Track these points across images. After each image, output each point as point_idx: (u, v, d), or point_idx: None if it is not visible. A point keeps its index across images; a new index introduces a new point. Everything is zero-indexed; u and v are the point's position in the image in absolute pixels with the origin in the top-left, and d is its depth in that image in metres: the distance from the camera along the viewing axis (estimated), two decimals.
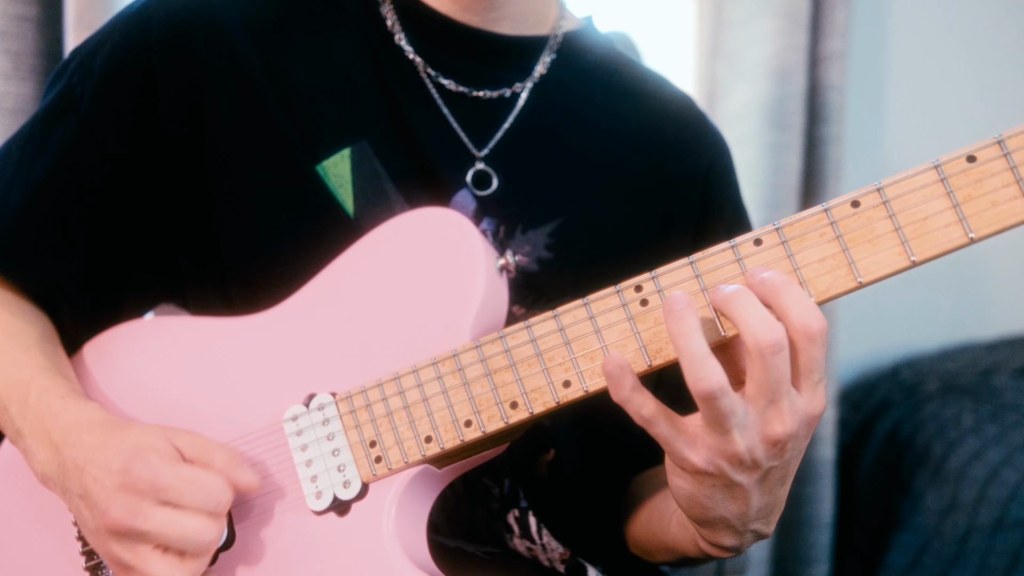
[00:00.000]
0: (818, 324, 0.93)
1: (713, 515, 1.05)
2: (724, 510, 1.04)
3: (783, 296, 0.94)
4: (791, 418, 0.96)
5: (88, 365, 1.33)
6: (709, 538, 1.11)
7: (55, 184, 1.32)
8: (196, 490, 1.06)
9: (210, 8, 1.32)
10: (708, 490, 1.02)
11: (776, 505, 1.08)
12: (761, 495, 1.03)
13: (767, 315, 0.93)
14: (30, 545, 1.26)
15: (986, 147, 0.93)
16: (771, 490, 1.04)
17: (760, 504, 1.05)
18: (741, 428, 0.96)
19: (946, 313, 3.11)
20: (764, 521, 1.09)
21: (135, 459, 1.07)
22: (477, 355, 1.10)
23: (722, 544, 1.11)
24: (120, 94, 1.30)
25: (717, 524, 1.07)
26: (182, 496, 1.05)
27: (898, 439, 2.61)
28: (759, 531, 1.10)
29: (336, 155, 1.30)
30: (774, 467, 1.00)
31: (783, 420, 0.96)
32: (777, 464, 1.00)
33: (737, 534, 1.09)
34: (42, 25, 2.09)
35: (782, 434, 0.96)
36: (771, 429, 0.96)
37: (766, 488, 1.03)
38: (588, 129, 1.42)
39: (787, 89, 2.57)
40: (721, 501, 1.03)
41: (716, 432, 0.96)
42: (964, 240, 0.93)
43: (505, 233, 1.33)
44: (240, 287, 1.32)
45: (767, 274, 0.95)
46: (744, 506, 1.04)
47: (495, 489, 1.36)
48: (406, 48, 1.36)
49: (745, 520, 1.06)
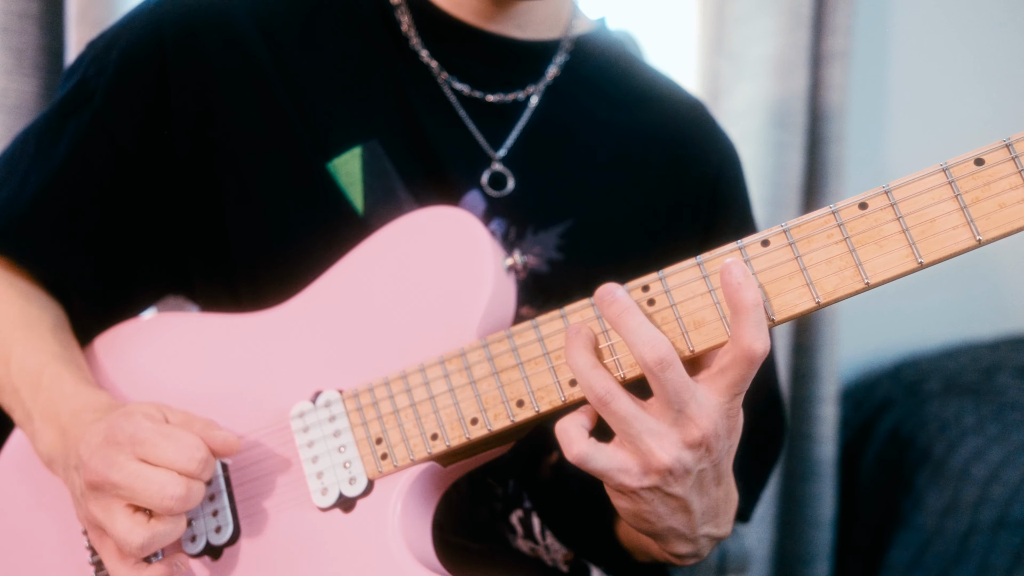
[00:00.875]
0: (762, 349, 0.95)
1: (660, 528, 1.07)
2: (670, 521, 1.06)
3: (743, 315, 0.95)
4: (704, 420, 0.97)
5: (99, 359, 1.34)
6: (665, 548, 1.14)
7: (68, 175, 1.33)
8: (170, 444, 1.06)
9: (224, 7, 1.33)
10: (648, 505, 1.04)
11: (719, 505, 1.10)
12: (700, 499, 1.05)
13: (653, 334, 0.96)
14: (38, 538, 1.27)
15: (994, 150, 0.93)
16: (707, 492, 1.06)
17: (702, 508, 1.06)
18: (655, 436, 0.98)
19: (948, 312, 3.11)
20: (713, 523, 1.11)
21: (121, 417, 1.09)
22: (484, 354, 1.10)
23: (678, 552, 1.13)
24: (134, 89, 1.32)
25: (667, 535, 1.09)
26: (157, 449, 1.05)
27: (899, 438, 2.61)
28: (711, 534, 1.12)
29: (347, 153, 1.31)
30: (704, 469, 1.02)
31: (697, 424, 0.97)
32: (706, 466, 1.02)
33: (689, 541, 1.11)
34: (44, 21, 2.09)
35: (700, 436, 0.98)
36: (689, 434, 0.98)
37: (702, 491, 1.05)
38: (599, 132, 1.42)
39: (789, 87, 2.57)
40: (664, 514, 1.05)
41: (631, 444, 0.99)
42: (972, 242, 0.93)
43: (516, 234, 1.34)
44: (248, 283, 1.33)
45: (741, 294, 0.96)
46: (686, 514, 1.06)
47: (499, 489, 1.37)
48: (421, 52, 1.36)
49: (692, 526, 1.08)
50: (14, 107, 2.05)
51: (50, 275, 1.36)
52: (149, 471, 1.05)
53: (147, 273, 1.41)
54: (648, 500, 1.02)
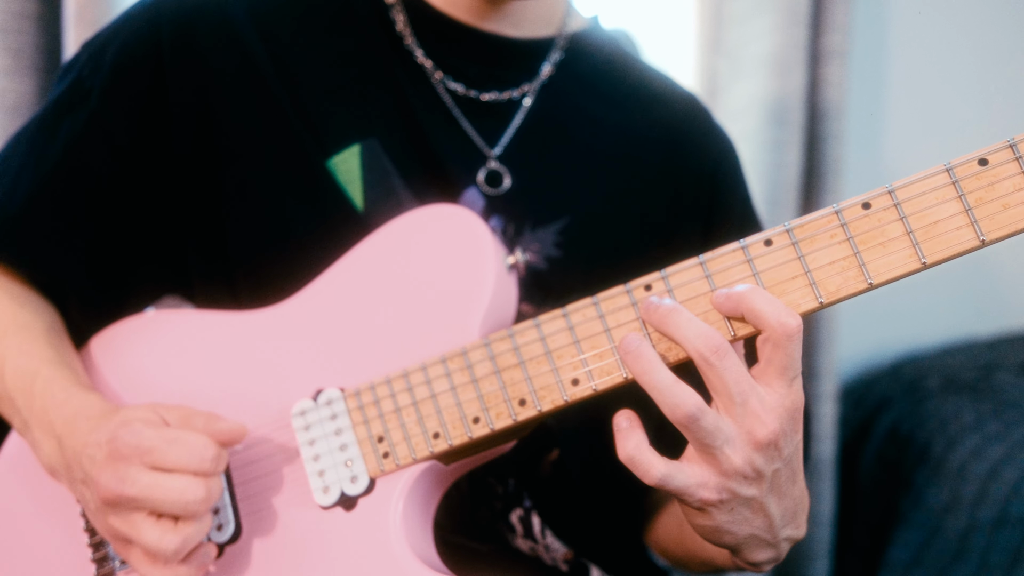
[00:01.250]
0: (795, 321, 0.94)
1: (742, 537, 1.05)
2: (750, 528, 1.04)
3: (753, 301, 0.95)
4: (769, 416, 0.96)
5: (96, 359, 1.33)
6: (746, 558, 1.11)
7: (63, 175, 1.32)
8: (179, 448, 1.06)
9: (221, 5, 1.33)
10: (728, 515, 1.02)
11: (797, 505, 1.08)
12: (778, 501, 1.04)
13: (704, 327, 0.96)
14: (38, 537, 1.27)
15: (998, 151, 0.93)
16: (784, 492, 1.04)
17: (780, 510, 1.05)
18: (730, 443, 0.96)
19: (947, 310, 3.11)
20: (793, 524, 1.09)
21: (120, 428, 1.08)
22: (486, 352, 1.10)
23: (758, 560, 1.11)
24: (130, 89, 1.31)
25: (749, 544, 1.07)
26: (166, 456, 1.05)
27: (899, 436, 2.61)
28: (791, 536, 1.10)
29: (346, 151, 1.31)
30: (777, 469, 1.01)
31: (762, 421, 0.96)
32: (779, 465, 1.00)
33: (770, 546, 1.09)
34: (42, 22, 2.09)
35: (768, 434, 0.97)
36: (756, 434, 0.96)
37: (779, 492, 1.03)
38: (595, 128, 1.42)
39: (787, 85, 2.57)
40: (744, 522, 1.03)
41: (710, 456, 0.97)
42: (976, 243, 0.93)
43: (514, 232, 1.34)
44: (247, 282, 1.32)
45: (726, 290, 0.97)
46: (766, 518, 1.04)
47: (499, 488, 1.36)
48: (416, 51, 1.36)
49: (773, 530, 1.06)
50: (12, 107, 2.05)
51: (44, 278, 1.35)
52: (165, 480, 1.05)
53: (144, 273, 1.40)
54: (727, 510, 1.01)
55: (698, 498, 0.99)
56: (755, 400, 0.96)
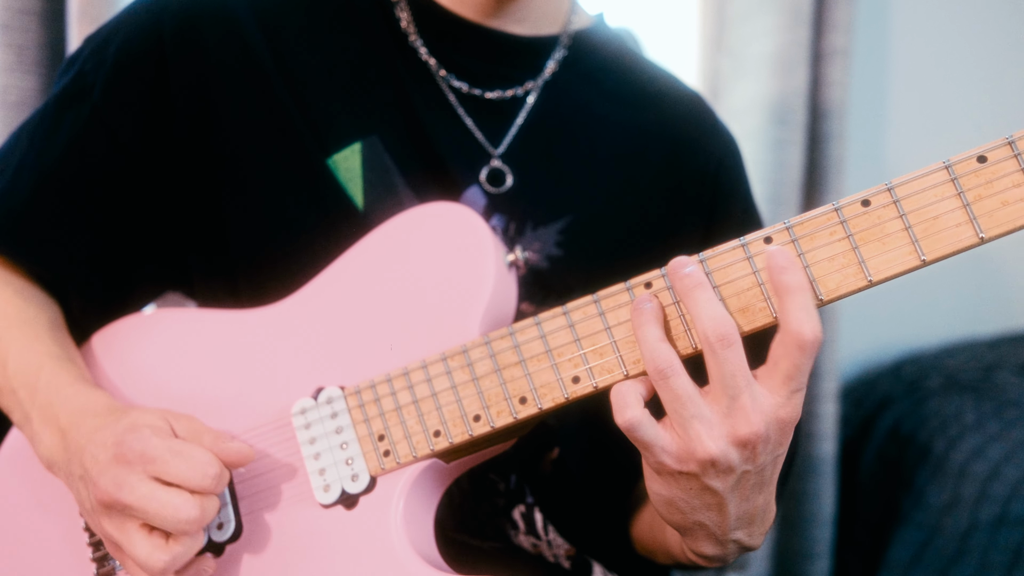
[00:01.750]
0: (811, 335, 0.94)
1: (691, 521, 1.06)
2: (702, 516, 1.04)
3: (788, 298, 0.94)
4: (757, 417, 0.96)
5: (97, 355, 1.33)
6: (691, 546, 1.12)
7: (65, 170, 1.32)
8: (182, 462, 1.05)
9: (223, 1, 1.32)
10: (684, 494, 1.02)
11: (757, 514, 1.08)
12: (738, 502, 1.04)
13: (721, 311, 0.95)
14: (38, 535, 1.27)
15: (997, 148, 0.93)
16: (747, 497, 1.04)
17: (738, 512, 1.05)
18: (705, 425, 0.97)
19: (948, 309, 3.11)
20: (746, 531, 1.08)
21: (129, 432, 1.07)
22: (486, 350, 1.10)
23: (703, 553, 1.11)
24: (132, 83, 1.31)
25: (697, 531, 1.07)
26: (168, 468, 1.04)
27: (900, 435, 2.61)
28: (741, 541, 1.09)
29: (347, 149, 1.31)
30: (747, 471, 1.00)
31: (748, 419, 0.96)
32: (751, 468, 1.00)
33: (718, 543, 1.09)
34: (45, 18, 2.09)
35: (750, 434, 0.96)
36: (739, 429, 0.96)
37: (741, 494, 1.03)
38: (598, 127, 1.42)
39: (789, 85, 2.57)
40: (698, 507, 1.03)
41: (678, 425, 0.97)
42: (975, 240, 0.93)
43: (515, 230, 1.34)
44: (248, 279, 1.32)
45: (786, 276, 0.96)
46: (721, 513, 1.04)
47: (501, 484, 1.36)
48: (420, 49, 1.36)
49: (724, 528, 1.06)
50: (15, 104, 2.05)
51: (46, 273, 1.36)
52: (162, 493, 1.04)
53: (146, 270, 1.40)
54: (684, 488, 1.01)
55: (658, 460, 0.99)
56: (747, 397, 0.96)
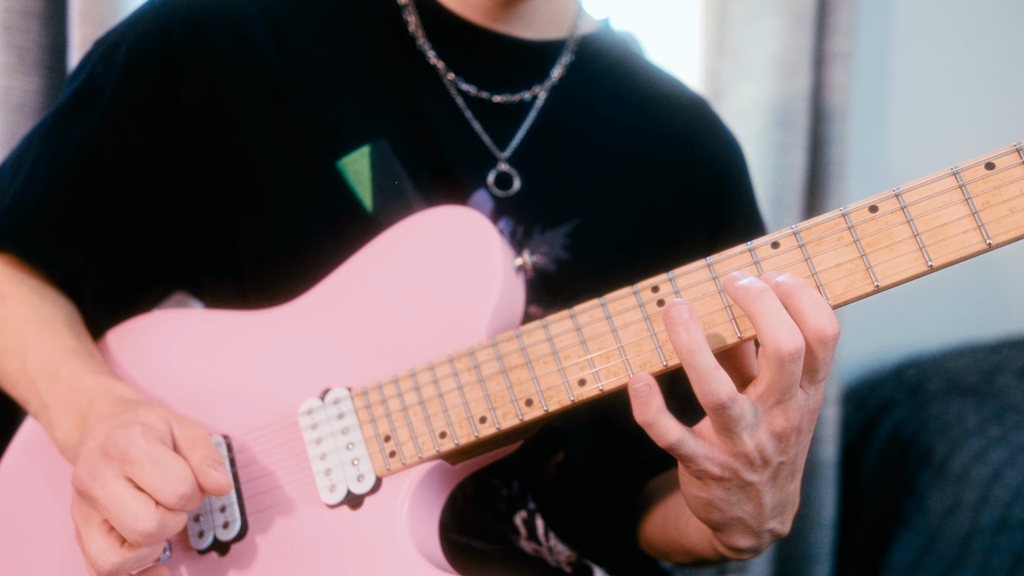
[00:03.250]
0: (832, 329, 0.94)
1: (729, 517, 1.06)
2: (740, 511, 1.05)
3: (800, 299, 0.94)
4: (795, 412, 0.97)
5: (110, 354, 1.34)
6: (726, 541, 1.12)
7: (76, 172, 1.33)
8: (157, 472, 1.03)
9: (233, 4, 1.33)
10: (723, 494, 1.03)
11: (788, 501, 1.09)
12: (774, 492, 1.05)
13: (791, 322, 0.93)
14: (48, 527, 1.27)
15: (1005, 154, 0.93)
16: (782, 486, 1.05)
17: (774, 502, 1.06)
18: (750, 429, 0.97)
19: (950, 313, 3.11)
20: (780, 519, 1.10)
21: (120, 427, 1.07)
22: (493, 352, 1.11)
23: (739, 546, 1.12)
24: (142, 86, 1.32)
25: (734, 526, 1.08)
26: (143, 473, 1.03)
27: (901, 439, 2.61)
28: (775, 530, 1.10)
29: (356, 152, 1.31)
30: (783, 462, 1.01)
31: (788, 416, 0.97)
32: (785, 459, 1.01)
33: (754, 535, 1.10)
34: (47, 20, 2.08)
35: (785, 427, 0.97)
36: (775, 424, 0.97)
37: (778, 484, 1.04)
38: (605, 131, 1.42)
39: (792, 88, 2.57)
40: (736, 503, 1.04)
41: (726, 437, 0.98)
42: (982, 246, 0.93)
43: (523, 233, 1.34)
44: (256, 281, 1.33)
45: (782, 278, 0.95)
46: (758, 505, 1.05)
47: (503, 490, 1.37)
48: (428, 52, 1.37)
49: (761, 519, 1.07)
50: (17, 105, 2.05)
51: (60, 273, 1.36)
52: (127, 497, 1.02)
53: (156, 270, 1.41)
54: (724, 487, 1.02)
55: (701, 468, 1.00)
56: (793, 401, 0.96)
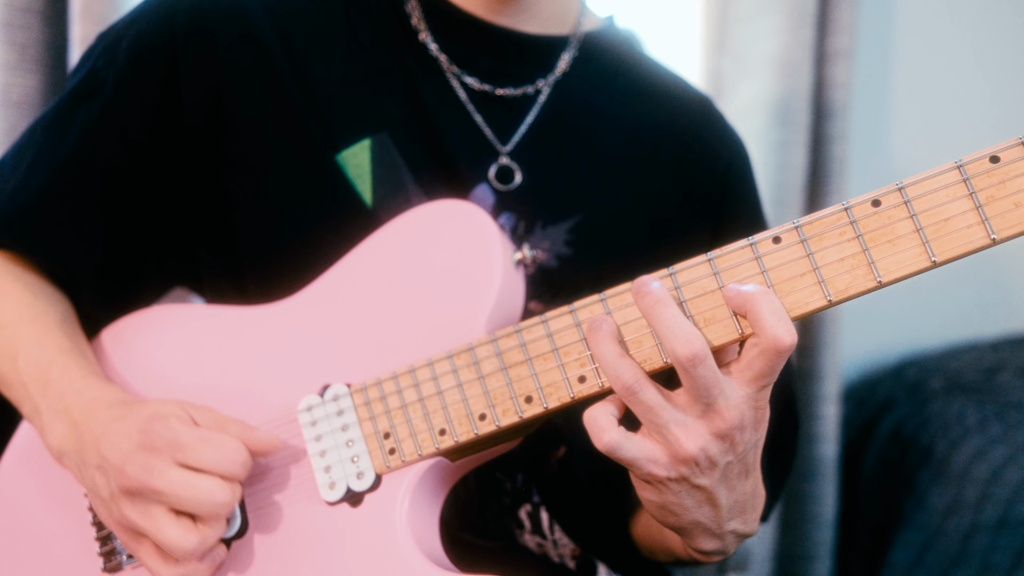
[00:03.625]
0: (789, 340, 0.94)
1: (687, 521, 1.07)
2: (696, 514, 1.06)
3: (758, 306, 0.95)
4: (731, 412, 0.97)
5: (106, 351, 1.34)
6: (691, 544, 1.13)
7: (77, 165, 1.33)
8: (212, 449, 1.07)
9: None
10: (675, 497, 1.04)
11: (747, 501, 1.09)
12: (727, 493, 1.05)
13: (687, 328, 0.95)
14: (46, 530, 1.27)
15: (1010, 148, 0.92)
16: (734, 486, 1.05)
17: (729, 502, 1.06)
18: (682, 428, 0.98)
19: (951, 311, 3.10)
20: (740, 519, 1.10)
21: (155, 420, 1.09)
22: (493, 349, 1.10)
23: (704, 548, 1.13)
24: (144, 80, 1.32)
25: (694, 530, 1.09)
26: (199, 454, 1.06)
27: (902, 437, 2.61)
28: (738, 531, 1.11)
29: (356, 145, 1.31)
30: (730, 462, 1.02)
31: (723, 416, 0.97)
32: (732, 459, 1.02)
33: (715, 537, 1.10)
34: (48, 17, 2.09)
35: (725, 428, 0.98)
36: (715, 426, 0.98)
37: (728, 485, 1.04)
38: (608, 127, 1.42)
39: (793, 86, 2.57)
40: (690, 507, 1.05)
41: (657, 435, 0.99)
42: (986, 241, 0.92)
43: (524, 229, 1.34)
44: (255, 275, 1.33)
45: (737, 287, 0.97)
46: (714, 508, 1.06)
47: (508, 484, 1.37)
48: (430, 45, 1.36)
49: (719, 521, 1.07)
50: (17, 103, 2.05)
51: (59, 267, 1.36)
52: (194, 478, 1.05)
53: (156, 265, 1.41)
54: (675, 492, 1.02)
55: (646, 471, 1.01)
56: (721, 400, 0.97)
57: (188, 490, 1.05)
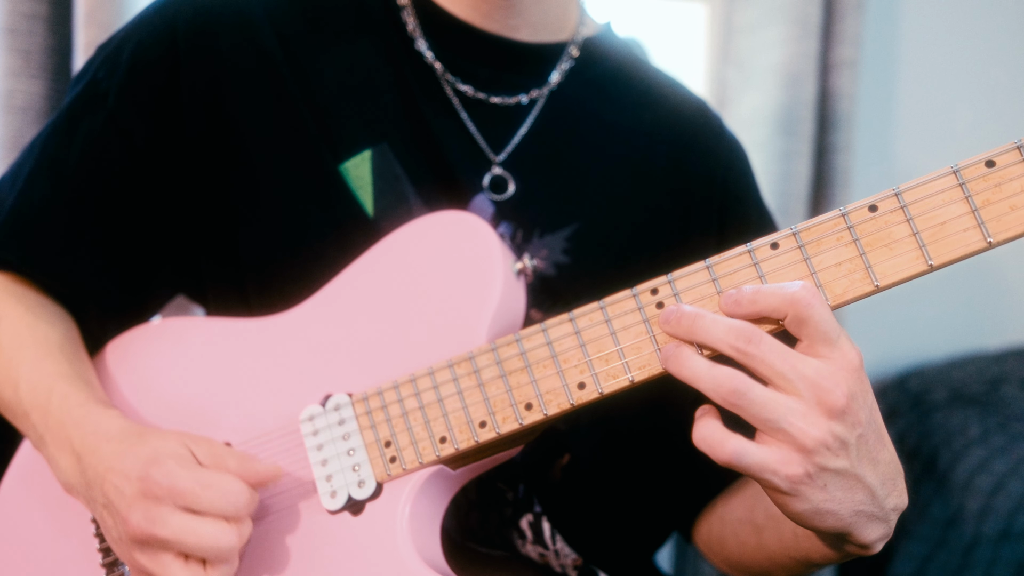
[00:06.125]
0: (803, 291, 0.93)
1: (848, 515, 0.98)
2: (852, 503, 0.98)
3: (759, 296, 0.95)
4: (833, 381, 0.93)
5: (109, 366, 1.34)
6: (858, 540, 1.03)
7: (81, 179, 1.32)
8: (213, 493, 1.05)
9: (238, 7, 1.33)
10: (823, 493, 0.96)
11: (891, 468, 1.01)
12: (873, 467, 0.98)
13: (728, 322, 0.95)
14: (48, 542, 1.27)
15: (1005, 152, 0.93)
16: (875, 457, 0.98)
17: (878, 477, 0.99)
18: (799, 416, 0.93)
19: (954, 322, 3.10)
20: (896, 492, 1.02)
21: (153, 466, 1.06)
22: (493, 357, 1.10)
23: (870, 540, 1.03)
24: (147, 90, 1.31)
25: (857, 522, 1.00)
26: (199, 500, 1.04)
27: (905, 448, 2.60)
28: (897, 506, 1.03)
29: (357, 156, 1.31)
30: (861, 434, 0.95)
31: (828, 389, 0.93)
32: (861, 430, 0.95)
33: (880, 520, 1.01)
34: (52, 23, 2.10)
35: (840, 399, 0.93)
36: (827, 402, 0.93)
37: (870, 458, 0.97)
38: (605, 134, 1.42)
39: (797, 96, 2.57)
40: (844, 498, 0.97)
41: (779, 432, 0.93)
42: (982, 244, 0.93)
43: (522, 237, 1.34)
44: (258, 286, 1.33)
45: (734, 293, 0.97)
46: (866, 488, 0.98)
47: (509, 494, 1.36)
48: (426, 53, 1.36)
49: (878, 500, 0.99)
50: (21, 108, 2.06)
51: (62, 285, 1.35)
52: (198, 525, 1.04)
53: (160, 277, 1.40)
54: (819, 488, 0.95)
55: (784, 475, 0.94)
56: (811, 371, 0.93)
57: (192, 537, 1.03)
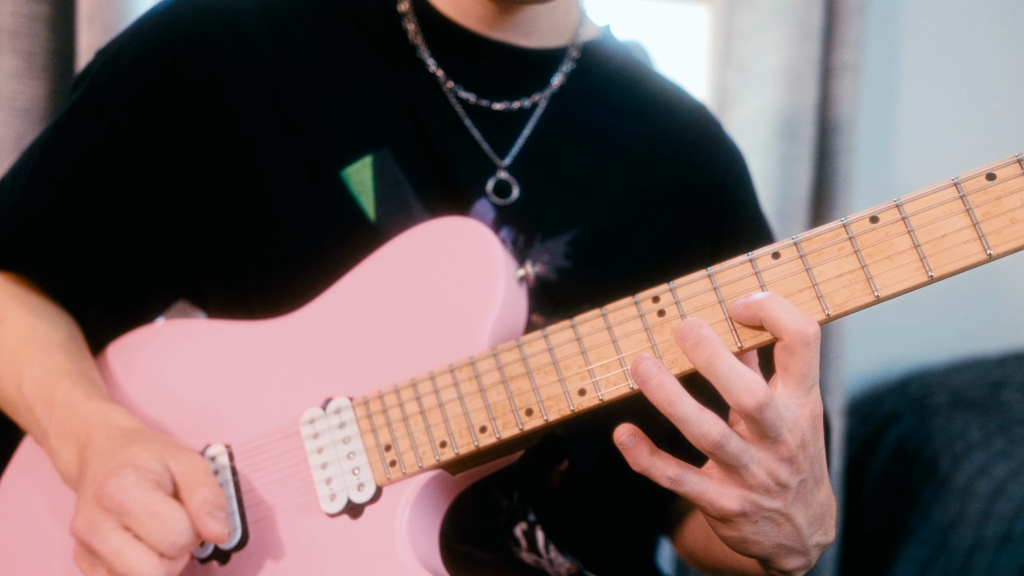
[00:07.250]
0: (813, 328, 0.93)
1: (770, 547, 1.05)
2: (777, 538, 1.04)
3: (772, 308, 0.95)
4: (793, 434, 0.96)
5: (111, 367, 1.34)
6: (777, 567, 1.10)
7: (82, 183, 1.32)
8: (155, 525, 1.02)
9: (235, 12, 1.33)
10: (754, 527, 1.02)
11: (823, 510, 1.07)
12: (805, 509, 1.03)
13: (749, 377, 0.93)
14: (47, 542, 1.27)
15: (1006, 165, 0.93)
16: (809, 501, 1.03)
17: (807, 518, 1.04)
18: (755, 462, 0.97)
19: (955, 326, 3.10)
20: (821, 531, 1.08)
21: (113, 475, 1.05)
22: (494, 362, 1.11)
23: (791, 568, 1.09)
24: (145, 94, 1.31)
25: (778, 553, 1.06)
26: (141, 527, 1.02)
27: (905, 452, 2.61)
28: (820, 542, 1.09)
29: (358, 162, 1.31)
30: (802, 480, 1.00)
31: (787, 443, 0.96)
32: (802, 476, 1.00)
33: (800, 554, 1.08)
34: (54, 25, 2.09)
35: (788, 452, 0.96)
36: (779, 452, 0.96)
37: (804, 501, 1.03)
38: (605, 139, 1.42)
39: (798, 100, 2.57)
40: (771, 532, 1.03)
41: (734, 474, 0.97)
42: (983, 257, 0.93)
43: (524, 242, 1.34)
44: (260, 291, 1.33)
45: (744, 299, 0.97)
46: (793, 527, 1.03)
47: (504, 501, 1.36)
48: (427, 60, 1.36)
49: (802, 539, 1.05)
50: (23, 110, 2.05)
51: (64, 288, 1.36)
52: (129, 552, 1.02)
53: (161, 281, 1.40)
54: (752, 522, 1.01)
55: (718, 506, 0.99)
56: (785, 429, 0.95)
57: (120, 561, 1.01)
